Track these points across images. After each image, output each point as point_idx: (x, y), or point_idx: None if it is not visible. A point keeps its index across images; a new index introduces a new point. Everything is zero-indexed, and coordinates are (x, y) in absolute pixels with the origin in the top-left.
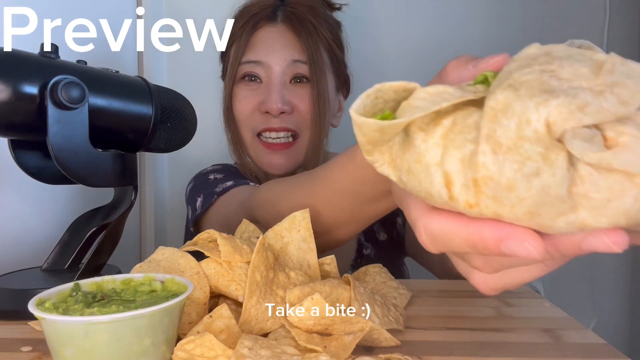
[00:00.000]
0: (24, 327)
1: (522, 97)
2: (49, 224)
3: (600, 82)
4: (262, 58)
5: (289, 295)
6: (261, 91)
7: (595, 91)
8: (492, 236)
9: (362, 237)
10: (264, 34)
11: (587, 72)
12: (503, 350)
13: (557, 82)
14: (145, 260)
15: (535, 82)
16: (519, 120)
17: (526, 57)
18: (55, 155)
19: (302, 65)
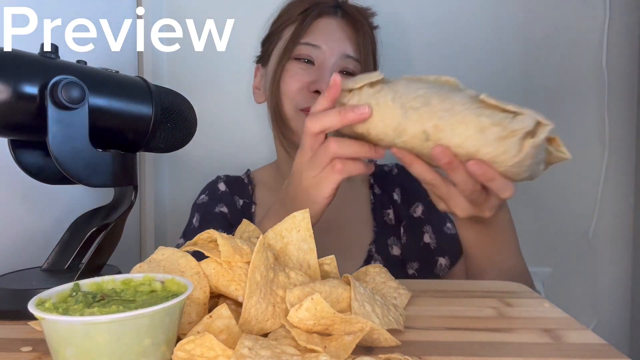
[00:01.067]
0: (24, 327)
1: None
2: (49, 224)
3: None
4: (321, 44)
5: (289, 296)
6: (312, 72)
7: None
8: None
9: (373, 249)
10: (325, 23)
11: None
12: (503, 350)
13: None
14: (145, 260)
15: None
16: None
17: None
18: (55, 156)
19: (352, 61)
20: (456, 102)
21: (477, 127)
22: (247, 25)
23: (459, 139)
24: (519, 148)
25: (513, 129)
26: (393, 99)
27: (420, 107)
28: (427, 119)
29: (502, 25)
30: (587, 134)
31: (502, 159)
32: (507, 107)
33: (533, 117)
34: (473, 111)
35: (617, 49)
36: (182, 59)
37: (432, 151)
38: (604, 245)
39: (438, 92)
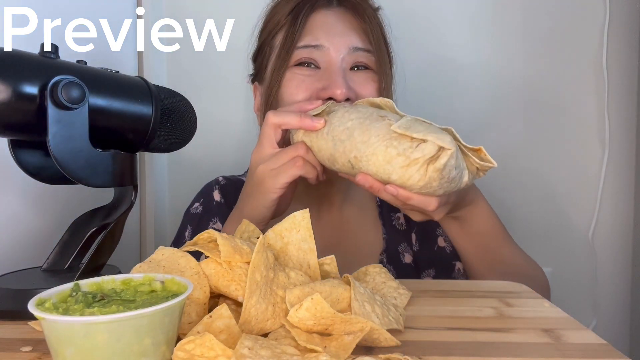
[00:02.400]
0: (24, 327)
1: None
2: (49, 224)
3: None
4: (322, 42)
5: (289, 296)
6: (320, 77)
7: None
8: None
9: (384, 259)
10: (321, 17)
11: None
12: (503, 350)
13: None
14: (145, 260)
15: None
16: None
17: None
18: (55, 155)
19: (363, 53)
20: (372, 134)
21: (385, 158)
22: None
23: (374, 168)
24: (423, 173)
25: (414, 157)
26: (328, 132)
27: (345, 139)
28: (349, 150)
29: (502, 25)
30: (587, 134)
31: (409, 183)
32: (414, 135)
33: (434, 144)
34: (383, 143)
35: (617, 49)
36: (182, 59)
37: (356, 178)
38: (604, 245)
39: (362, 123)
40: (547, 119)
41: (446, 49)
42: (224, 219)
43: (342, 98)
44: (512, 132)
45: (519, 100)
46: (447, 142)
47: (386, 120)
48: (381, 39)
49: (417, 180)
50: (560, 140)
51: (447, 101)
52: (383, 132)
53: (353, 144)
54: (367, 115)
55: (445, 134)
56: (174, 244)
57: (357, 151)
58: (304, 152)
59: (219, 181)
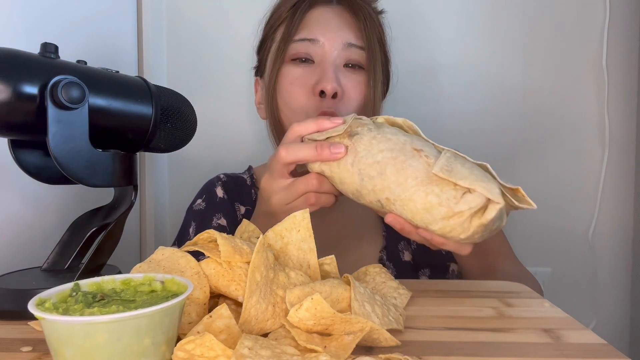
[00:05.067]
0: (24, 327)
1: None
2: (49, 224)
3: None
4: (318, 37)
5: (289, 296)
6: (313, 72)
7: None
8: None
9: (384, 256)
10: (319, 13)
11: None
12: (503, 350)
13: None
14: (145, 260)
15: None
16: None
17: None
18: (55, 156)
19: (357, 50)
20: (409, 176)
21: (424, 206)
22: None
23: (409, 214)
24: (466, 227)
25: (459, 210)
26: (352, 163)
27: (375, 176)
28: (379, 190)
29: (502, 25)
30: (587, 134)
31: (450, 235)
32: (459, 183)
33: (482, 196)
34: (423, 188)
35: (617, 49)
36: (182, 59)
37: (385, 218)
38: (604, 245)
39: (396, 159)
40: (547, 119)
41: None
42: (227, 214)
43: (332, 92)
44: (511, 132)
45: (519, 100)
46: (496, 195)
47: (422, 156)
48: (375, 39)
49: (459, 233)
50: (560, 140)
51: (448, 101)
52: (421, 175)
53: (385, 183)
54: (400, 148)
55: (492, 182)
56: (177, 241)
57: (390, 193)
58: (316, 186)
59: (221, 178)
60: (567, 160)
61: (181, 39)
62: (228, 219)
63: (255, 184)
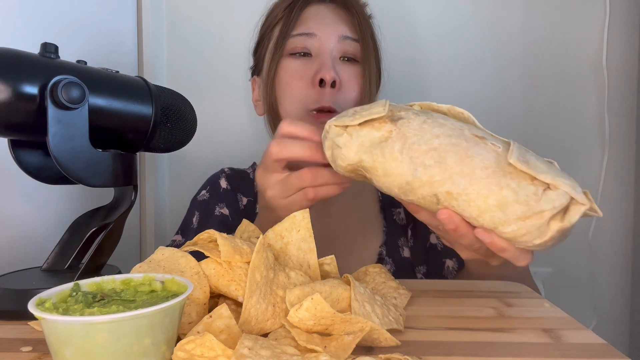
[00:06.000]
0: (24, 327)
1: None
2: (49, 224)
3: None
4: (314, 30)
5: (289, 296)
6: (312, 64)
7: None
8: None
9: (384, 251)
10: (314, 10)
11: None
12: (503, 350)
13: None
14: (145, 260)
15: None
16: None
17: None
18: (55, 155)
19: (352, 42)
20: (476, 165)
21: (498, 202)
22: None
23: (475, 211)
24: (543, 230)
25: (540, 209)
26: (401, 150)
27: (433, 165)
28: (439, 182)
29: (502, 25)
30: (587, 133)
31: (522, 240)
32: (540, 177)
33: (567, 195)
34: (496, 180)
35: (617, 49)
36: (182, 59)
37: (438, 214)
38: (604, 245)
39: (456, 144)
40: (547, 119)
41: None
42: (229, 203)
43: (331, 81)
44: (511, 132)
45: (519, 100)
46: (580, 194)
47: (488, 144)
48: (368, 32)
49: (534, 237)
50: (560, 140)
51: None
52: (492, 165)
53: (446, 174)
54: (458, 133)
55: (573, 179)
56: (180, 231)
57: (452, 185)
58: (310, 180)
59: (225, 171)
60: (567, 161)
61: (181, 40)
62: (230, 209)
63: None
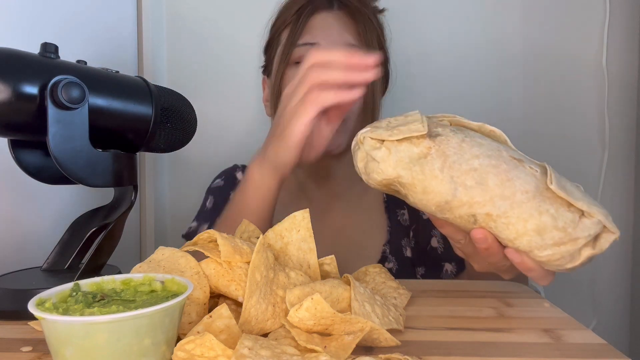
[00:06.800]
0: (24, 327)
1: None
2: (49, 224)
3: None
4: (319, 40)
5: (289, 296)
6: None
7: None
8: None
9: (387, 249)
10: (321, 19)
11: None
12: (503, 350)
13: (393, 124)
14: (145, 260)
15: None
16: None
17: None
18: (54, 155)
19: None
20: (517, 189)
21: (537, 227)
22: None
23: (513, 234)
24: (576, 256)
25: (576, 237)
26: (441, 168)
27: (474, 186)
28: (479, 203)
29: (502, 26)
30: (587, 134)
31: (555, 263)
32: (577, 204)
33: (600, 223)
34: (535, 205)
35: (617, 49)
36: (182, 59)
37: (473, 233)
38: None
39: (496, 166)
40: (547, 119)
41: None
42: (216, 199)
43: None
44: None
45: (519, 100)
46: (612, 223)
47: (527, 167)
48: (374, 40)
49: (567, 262)
50: (560, 140)
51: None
52: (532, 189)
53: (487, 196)
54: (497, 155)
55: (604, 207)
56: (196, 218)
57: (492, 207)
58: (315, 77)
59: (239, 167)
60: (567, 160)
61: (181, 39)
62: (215, 196)
63: None
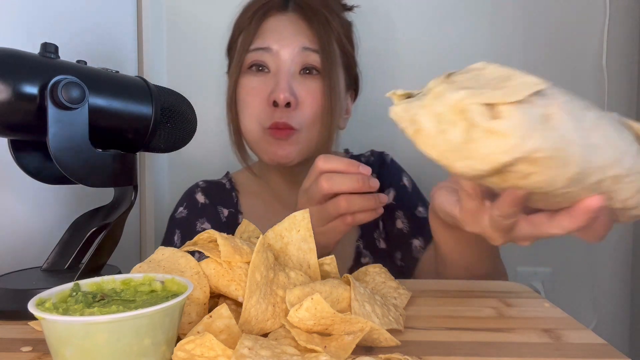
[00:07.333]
0: (24, 327)
1: (450, 88)
2: (49, 224)
3: (494, 84)
4: (271, 45)
5: (289, 296)
6: (269, 81)
7: (493, 87)
8: None
9: (361, 245)
10: (274, 21)
11: (486, 79)
12: (503, 350)
13: (470, 85)
14: (145, 260)
15: (462, 82)
16: (444, 99)
17: (469, 69)
18: (55, 155)
19: (312, 54)
20: (630, 143)
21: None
22: None
23: (630, 193)
24: None
25: None
26: (575, 129)
27: (602, 144)
28: (609, 165)
29: (502, 25)
30: None
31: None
32: None
33: None
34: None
35: (617, 49)
36: (182, 59)
37: (589, 200)
38: (604, 245)
39: (604, 116)
40: None
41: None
42: (210, 219)
43: (284, 102)
44: None
45: None
46: None
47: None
48: (332, 43)
49: None
50: None
51: None
52: (636, 144)
53: (617, 152)
54: (589, 106)
55: None
56: None
57: (620, 167)
58: (345, 207)
59: (200, 185)
60: None
61: (181, 39)
62: (211, 223)
63: (235, 187)
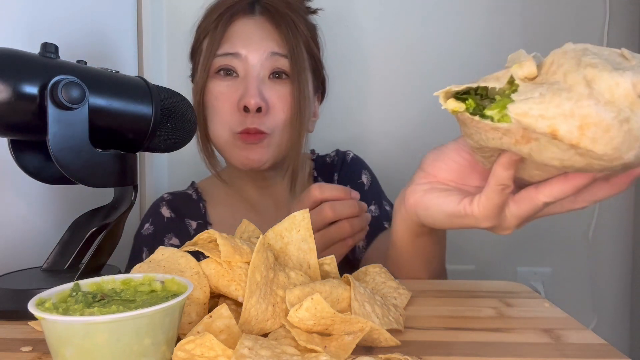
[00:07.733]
0: (24, 327)
1: (603, 71)
2: (49, 224)
3: (635, 63)
4: (239, 50)
5: (289, 296)
6: (237, 86)
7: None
8: None
9: None
10: (241, 25)
11: (621, 59)
12: (503, 350)
13: (616, 63)
14: (145, 260)
15: (603, 63)
16: (608, 84)
17: (575, 49)
18: (55, 155)
19: (281, 58)
20: None
21: None
22: None
23: None
24: None
25: None
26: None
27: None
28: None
29: (501, 25)
30: None
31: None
32: None
33: None
34: None
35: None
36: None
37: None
38: (604, 245)
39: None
40: None
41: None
42: (178, 232)
43: (255, 108)
44: None
45: None
46: None
47: None
48: (300, 46)
49: None
50: None
51: None
52: None
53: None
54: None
55: None
56: (128, 270)
57: None
58: (349, 231)
59: (164, 198)
60: None
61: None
62: (180, 237)
63: (202, 197)
